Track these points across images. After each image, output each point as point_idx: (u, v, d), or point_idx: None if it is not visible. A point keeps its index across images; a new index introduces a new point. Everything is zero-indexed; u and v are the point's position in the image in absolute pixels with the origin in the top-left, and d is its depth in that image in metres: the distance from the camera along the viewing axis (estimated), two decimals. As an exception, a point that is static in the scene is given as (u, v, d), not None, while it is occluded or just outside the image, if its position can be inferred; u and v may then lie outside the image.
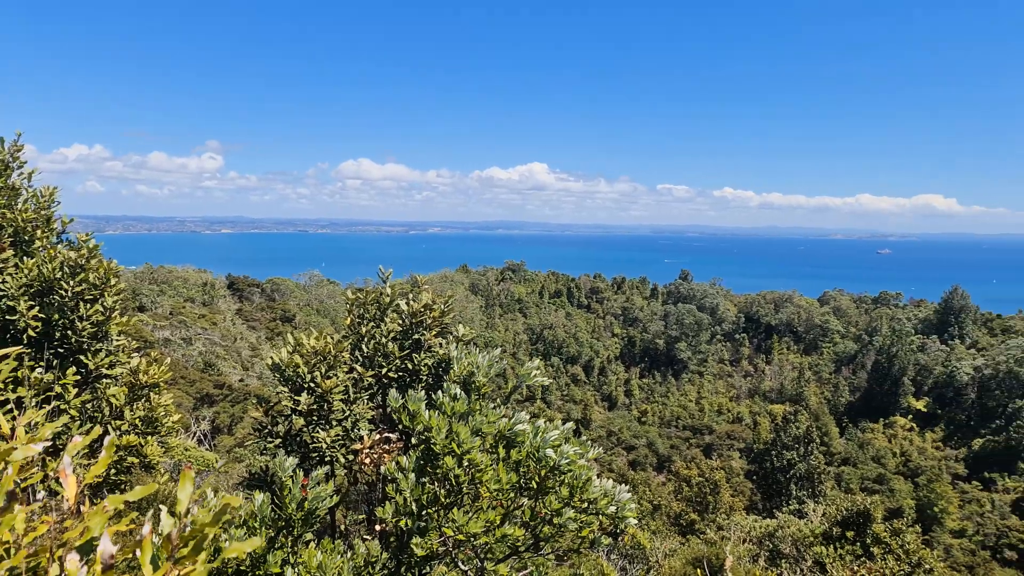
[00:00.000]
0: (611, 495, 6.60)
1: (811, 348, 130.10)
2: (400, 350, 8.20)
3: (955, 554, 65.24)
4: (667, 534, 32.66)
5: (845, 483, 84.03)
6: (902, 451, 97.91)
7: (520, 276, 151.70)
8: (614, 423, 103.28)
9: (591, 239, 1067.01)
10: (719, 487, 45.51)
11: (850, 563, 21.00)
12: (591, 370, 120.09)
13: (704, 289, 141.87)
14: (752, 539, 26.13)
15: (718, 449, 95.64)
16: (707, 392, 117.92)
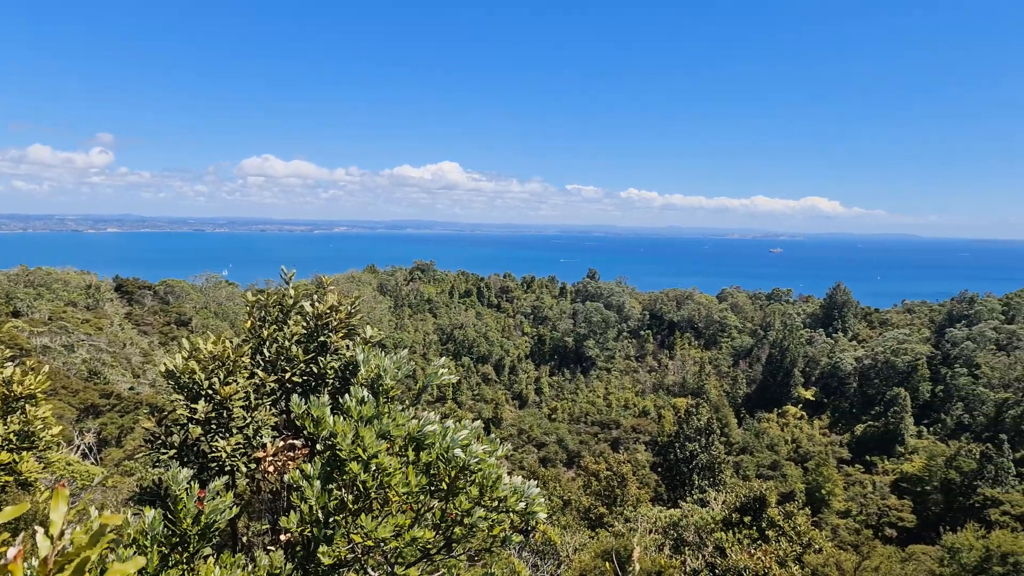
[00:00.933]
0: (521, 492, 6.63)
1: (711, 343, 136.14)
2: (305, 353, 7.94)
3: (841, 533, 69.92)
4: (577, 528, 33.26)
5: (743, 471, 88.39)
6: (793, 438, 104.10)
7: (430, 276, 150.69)
8: (524, 421, 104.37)
9: (501, 238, 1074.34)
10: (626, 480, 46.78)
11: (747, 546, 22.09)
12: (502, 369, 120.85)
13: (611, 287, 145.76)
14: (658, 529, 27.02)
15: (625, 443, 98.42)
16: (614, 388, 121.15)
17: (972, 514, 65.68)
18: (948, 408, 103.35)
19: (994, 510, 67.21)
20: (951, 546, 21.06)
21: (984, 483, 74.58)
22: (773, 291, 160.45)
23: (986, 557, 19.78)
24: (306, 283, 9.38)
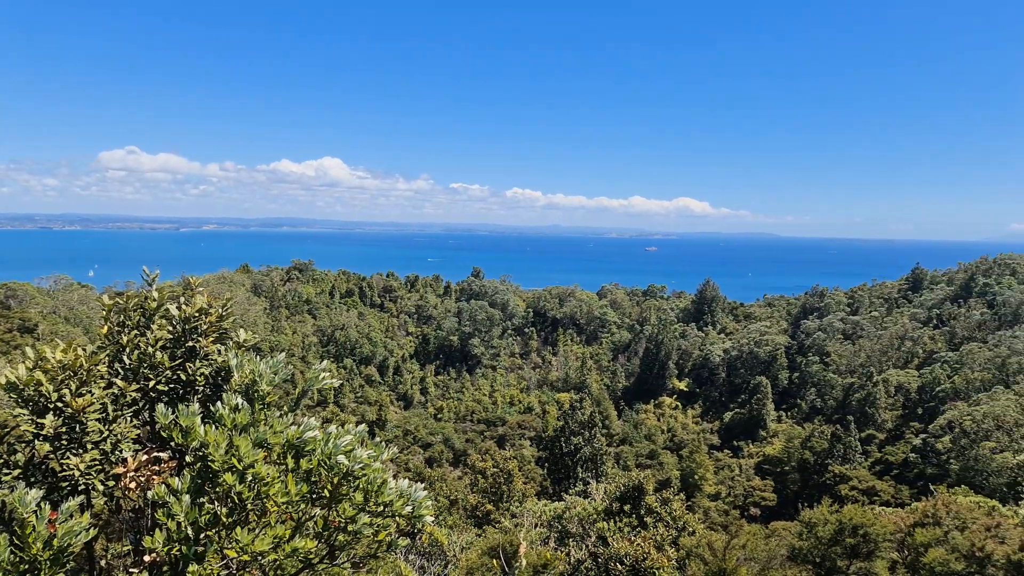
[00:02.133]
0: (407, 495, 6.53)
1: (592, 339, 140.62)
2: (171, 360, 7.39)
3: (712, 515, 74.37)
4: (464, 527, 33.30)
5: (623, 461, 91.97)
6: (669, 428, 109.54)
7: (308, 276, 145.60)
8: (410, 422, 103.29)
9: (384, 237, 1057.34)
10: (512, 476, 47.35)
11: (628, 534, 22.96)
12: (386, 370, 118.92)
13: (495, 286, 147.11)
14: (543, 523, 27.53)
15: (511, 439, 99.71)
16: (500, 385, 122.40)
17: (826, 490, 71.79)
18: (803, 394, 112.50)
19: (844, 486, 73.91)
20: (808, 521, 22.90)
21: (835, 461, 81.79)
22: (649, 288, 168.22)
23: (839, 530, 21.65)
24: (172, 285, 8.76)
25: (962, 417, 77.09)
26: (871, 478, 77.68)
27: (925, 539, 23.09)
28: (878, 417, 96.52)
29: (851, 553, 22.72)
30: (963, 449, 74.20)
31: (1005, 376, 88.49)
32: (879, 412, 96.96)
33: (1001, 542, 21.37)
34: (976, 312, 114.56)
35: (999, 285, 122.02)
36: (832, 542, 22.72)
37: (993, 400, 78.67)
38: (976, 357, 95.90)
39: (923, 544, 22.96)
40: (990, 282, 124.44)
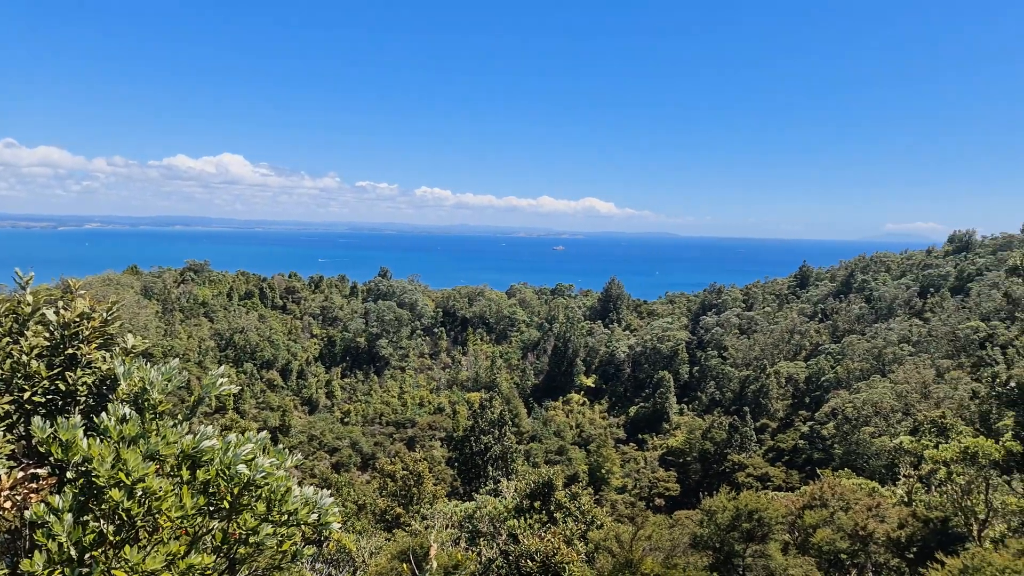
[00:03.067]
0: (313, 503, 6.31)
1: (502, 338, 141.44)
2: (49, 368, 6.82)
3: (619, 508, 76.40)
4: (373, 532, 32.70)
5: (533, 458, 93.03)
6: (577, 424, 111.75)
7: (204, 277, 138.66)
8: (315, 427, 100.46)
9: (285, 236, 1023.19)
10: (423, 478, 46.95)
11: (538, 530, 23.23)
12: (289, 374, 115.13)
13: (403, 286, 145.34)
14: (454, 523, 27.42)
15: (421, 441, 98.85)
16: (409, 386, 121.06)
17: (725, 478, 75.24)
18: (703, 386, 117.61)
19: (741, 473, 77.71)
20: (708, 509, 23.88)
21: (732, 450, 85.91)
22: (557, 286, 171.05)
23: (736, 515, 22.71)
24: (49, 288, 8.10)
25: (844, 405, 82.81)
26: (765, 465, 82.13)
27: (813, 520, 24.64)
28: (771, 407, 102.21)
29: (747, 537, 23.89)
30: (846, 434, 79.71)
31: (881, 365, 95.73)
32: (772, 402, 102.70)
33: (881, 521, 23.10)
34: (855, 306, 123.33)
35: (875, 281, 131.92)
36: (730, 527, 23.80)
37: (871, 388, 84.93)
38: (856, 348, 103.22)
39: (812, 525, 24.50)
40: (868, 278, 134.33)
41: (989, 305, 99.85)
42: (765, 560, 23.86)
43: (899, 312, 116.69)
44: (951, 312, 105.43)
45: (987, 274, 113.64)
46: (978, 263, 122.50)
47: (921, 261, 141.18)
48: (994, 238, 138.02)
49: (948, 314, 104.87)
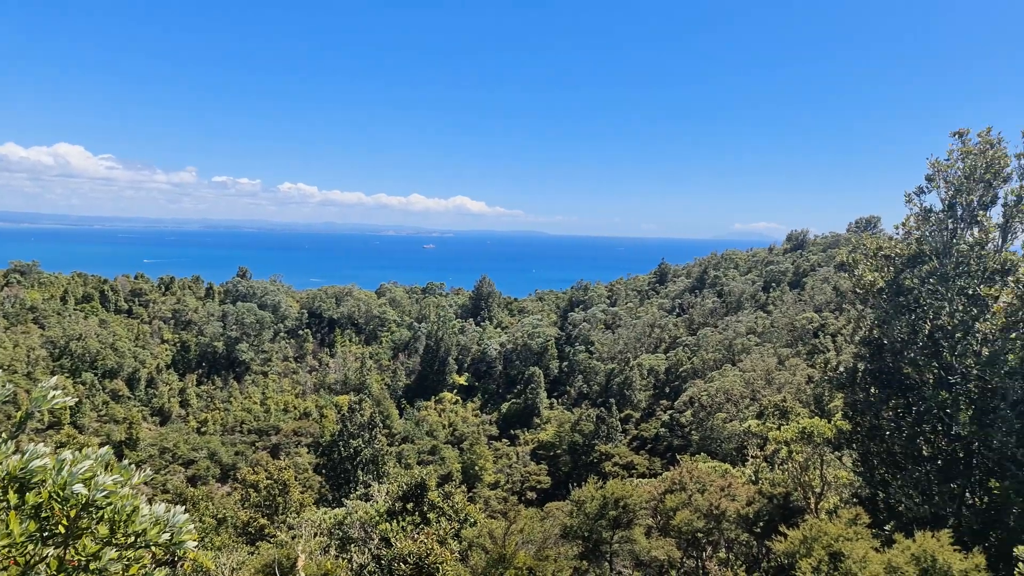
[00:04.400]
0: (164, 521, 5.73)
1: (371, 338, 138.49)
2: None
3: (492, 504, 77.16)
4: (235, 546, 30.89)
5: (405, 460, 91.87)
6: (450, 422, 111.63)
7: (33, 279, 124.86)
8: (168, 438, 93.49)
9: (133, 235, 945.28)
10: (288, 487, 44.98)
11: (411, 532, 22.90)
12: (136, 383, 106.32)
13: (265, 286, 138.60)
14: (323, 531, 26.46)
15: (286, 448, 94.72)
16: (273, 392, 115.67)
17: (592, 468, 77.96)
18: (572, 381, 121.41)
19: (608, 463, 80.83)
20: (577, 499, 24.57)
21: (600, 441, 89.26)
22: (428, 285, 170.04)
23: (604, 504, 23.52)
24: None
25: (700, 393, 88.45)
26: (630, 453, 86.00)
27: (674, 503, 26.04)
28: (635, 398, 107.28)
29: (614, 524, 24.85)
30: (701, 421, 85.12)
31: (732, 355, 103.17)
32: (635, 393, 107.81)
33: (732, 499, 24.82)
34: (709, 301, 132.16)
35: (726, 277, 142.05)
36: (598, 516, 24.64)
37: (723, 377, 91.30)
38: (710, 340, 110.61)
39: (672, 508, 25.88)
40: (719, 275, 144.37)
41: (821, 298, 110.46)
42: (631, 545, 24.95)
43: (747, 305, 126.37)
44: (790, 305, 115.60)
45: (819, 270, 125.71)
46: (811, 260, 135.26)
47: (764, 258, 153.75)
48: (824, 237, 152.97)
49: (787, 306, 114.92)
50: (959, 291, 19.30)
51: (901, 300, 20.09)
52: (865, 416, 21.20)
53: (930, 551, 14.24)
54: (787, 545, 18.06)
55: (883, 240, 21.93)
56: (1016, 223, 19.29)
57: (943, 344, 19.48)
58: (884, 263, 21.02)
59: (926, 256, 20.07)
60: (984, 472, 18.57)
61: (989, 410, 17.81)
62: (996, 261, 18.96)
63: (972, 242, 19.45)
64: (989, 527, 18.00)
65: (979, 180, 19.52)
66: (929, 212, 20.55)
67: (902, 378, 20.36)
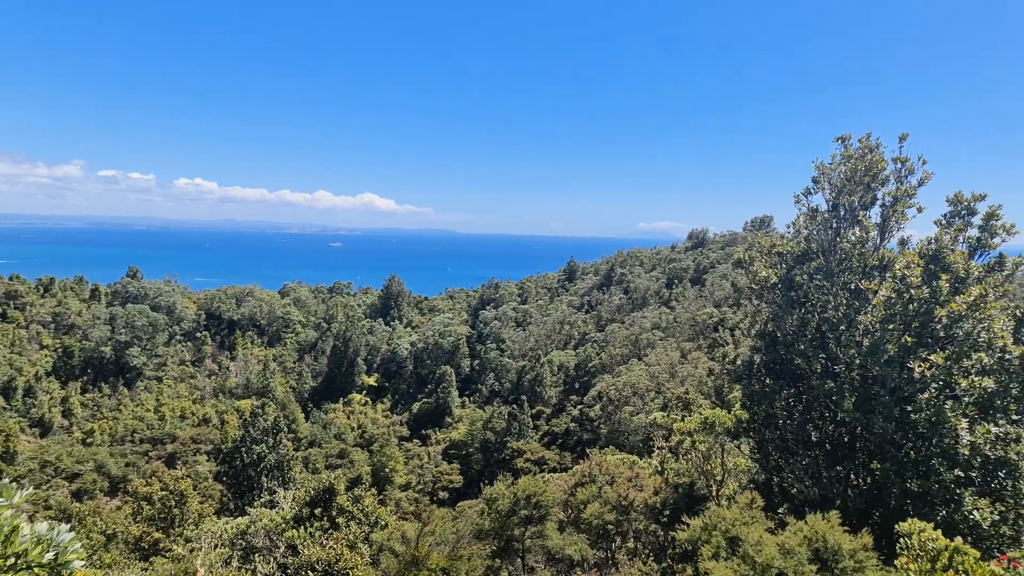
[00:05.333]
0: (47, 540, 5.25)
1: (275, 340, 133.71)
2: None
3: (403, 505, 76.22)
4: (127, 563, 29.02)
5: (313, 464, 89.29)
6: (359, 424, 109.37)
7: None
8: (49, 451, 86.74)
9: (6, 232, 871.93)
10: (186, 497, 42.64)
11: (319, 538, 22.20)
12: (12, 392, 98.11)
13: (158, 287, 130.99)
14: (224, 542, 25.24)
15: (183, 456, 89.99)
16: (167, 398, 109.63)
17: (504, 465, 78.48)
18: (484, 379, 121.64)
19: (520, 459, 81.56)
20: (489, 497, 24.55)
21: (512, 438, 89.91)
22: (335, 284, 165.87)
23: (516, 501, 23.62)
24: None
25: (608, 388, 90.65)
26: (541, 449, 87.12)
27: (584, 497, 26.49)
28: (545, 394, 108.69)
29: (526, 520, 25.00)
30: (609, 415, 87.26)
31: (638, 350, 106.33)
32: (546, 390, 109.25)
33: (640, 490, 25.49)
34: (616, 298, 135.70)
35: (632, 274, 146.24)
36: (510, 513, 24.71)
37: (630, 371, 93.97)
38: (617, 336, 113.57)
39: (583, 501, 26.31)
40: (625, 272, 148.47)
41: (720, 293, 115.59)
42: (543, 540, 25.17)
43: (651, 302, 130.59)
44: (691, 300, 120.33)
45: (718, 267, 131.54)
46: (711, 257, 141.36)
47: (667, 256, 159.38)
48: (723, 235, 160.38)
49: (689, 302, 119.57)
50: (843, 286, 20.57)
51: (792, 295, 21.22)
52: (761, 405, 22.26)
53: (821, 532, 15.07)
54: (690, 533, 18.71)
55: (776, 238, 23.08)
56: (892, 222, 20.73)
57: (829, 336, 20.71)
58: (777, 260, 22.13)
59: (814, 253, 21.27)
60: (867, 455, 19.89)
61: (870, 397, 19.08)
62: (875, 258, 20.31)
63: (854, 240, 20.76)
64: (873, 506, 19.30)
65: (859, 182, 20.84)
66: (816, 212, 21.77)
67: (793, 369, 21.51)
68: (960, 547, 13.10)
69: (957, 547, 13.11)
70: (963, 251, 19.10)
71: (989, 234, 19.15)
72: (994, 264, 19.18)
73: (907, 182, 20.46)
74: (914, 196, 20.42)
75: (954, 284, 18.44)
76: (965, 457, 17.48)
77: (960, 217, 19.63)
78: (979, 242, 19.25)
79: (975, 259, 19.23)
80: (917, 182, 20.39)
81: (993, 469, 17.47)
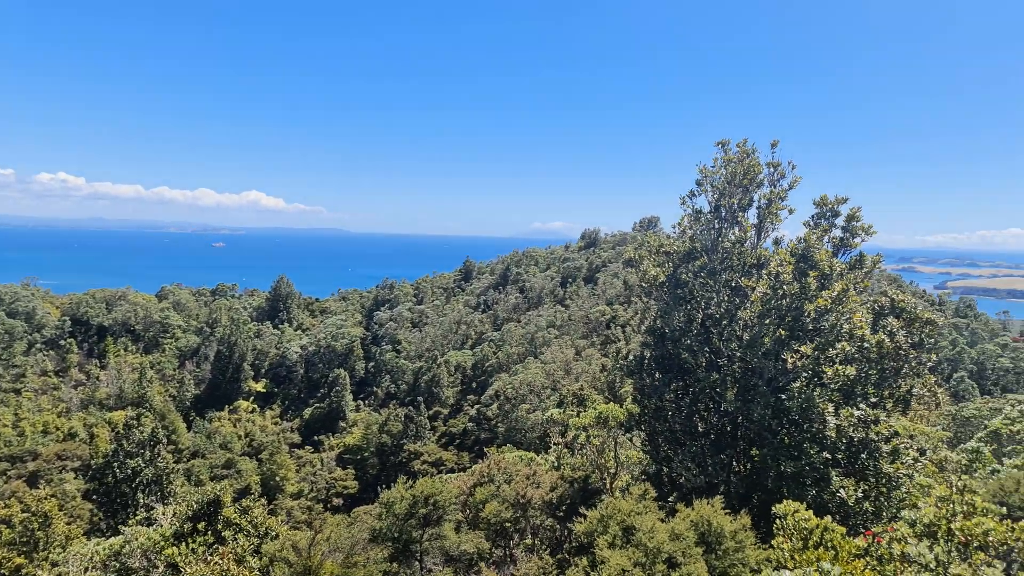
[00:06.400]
0: None
1: (152, 346, 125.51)
2: None
3: (296, 514, 73.66)
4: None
5: (196, 476, 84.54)
6: (247, 432, 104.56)
7: None
8: None
9: None
10: (51, 518, 39.24)
11: (203, 554, 21.01)
12: None
13: (14, 291, 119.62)
14: (96, 565, 23.40)
15: (47, 475, 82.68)
16: (27, 412, 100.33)
17: (402, 468, 77.46)
18: (379, 381, 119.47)
19: (417, 461, 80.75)
20: (386, 501, 24.11)
21: (409, 440, 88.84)
22: (218, 287, 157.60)
23: (413, 503, 23.32)
24: None
25: (505, 387, 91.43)
26: (439, 450, 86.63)
27: (483, 496, 26.51)
28: (443, 395, 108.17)
29: (424, 522, 24.72)
30: (507, 413, 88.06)
31: (534, 348, 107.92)
32: (443, 390, 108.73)
33: (537, 487, 25.81)
34: (512, 297, 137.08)
35: (527, 274, 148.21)
36: (408, 516, 24.36)
37: (526, 369, 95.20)
38: (513, 335, 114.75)
39: (481, 501, 26.32)
40: (521, 271, 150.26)
41: (612, 292, 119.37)
42: (441, 541, 24.99)
43: (547, 300, 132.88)
44: (585, 299, 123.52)
45: (610, 265, 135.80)
46: (603, 256, 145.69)
47: (561, 255, 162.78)
48: (614, 235, 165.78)
49: (583, 300, 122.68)
50: (724, 283, 21.71)
51: (679, 292, 22.16)
52: (651, 399, 23.10)
53: (706, 516, 15.84)
54: (587, 525, 19.13)
55: (663, 238, 24.03)
56: (767, 223, 22.07)
57: (713, 331, 21.80)
58: (665, 259, 23.03)
59: (698, 252, 22.30)
60: (747, 442, 21.09)
61: (750, 387, 20.24)
62: (753, 256, 21.56)
63: (734, 240, 21.94)
64: (752, 490, 20.49)
65: (738, 185, 22.04)
66: (699, 213, 22.83)
67: (681, 363, 22.47)
68: (829, 525, 14.12)
69: (827, 525, 14.13)
70: (828, 250, 20.66)
71: (851, 234, 20.82)
72: (855, 262, 20.85)
73: (779, 185, 21.84)
74: (786, 199, 21.84)
75: (821, 280, 19.88)
76: (832, 440, 18.88)
77: (825, 218, 21.21)
78: (842, 241, 20.88)
79: (839, 257, 20.85)
80: (788, 185, 21.81)
81: (856, 450, 18.98)
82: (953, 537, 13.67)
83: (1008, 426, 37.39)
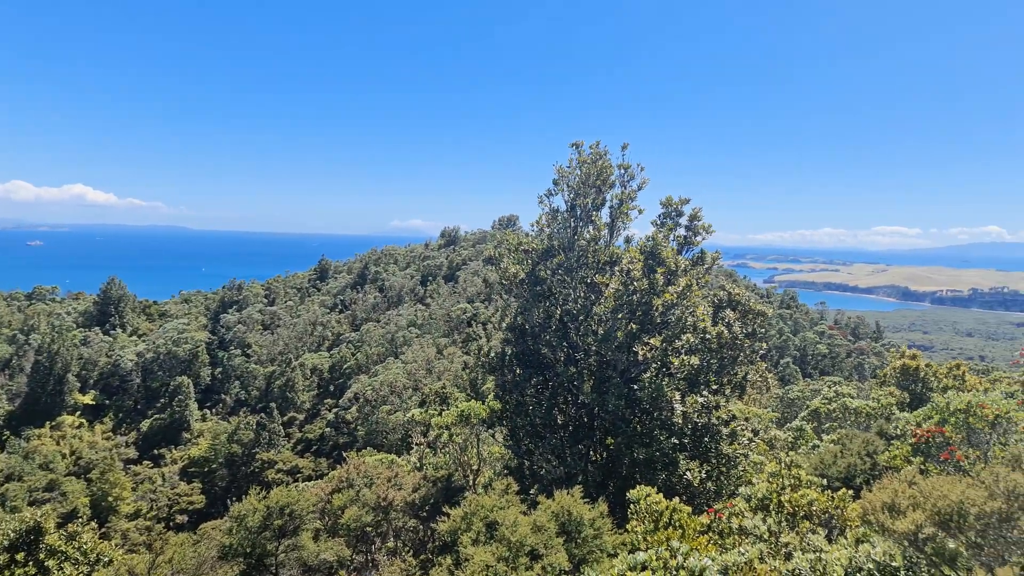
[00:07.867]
0: None
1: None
2: None
3: (133, 536, 67.68)
4: None
5: (10, 503, 75.31)
6: (73, 450, 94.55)
7: None
8: None
9: None
10: None
11: (22, 589, 18.73)
12: None
13: None
14: None
15: None
16: None
17: (254, 479, 73.46)
18: (228, 387, 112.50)
19: (271, 471, 76.94)
20: (237, 514, 22.70)
21: (261, 449, 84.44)
22: (35, 290, 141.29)
23: (268, 515, 22.14)
24: None
25: (365, 388, 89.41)
26: (295, 458, 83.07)
27: (342, 502, 25.69)
28: (298, 399, 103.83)
29: (279, 534, 23.57)
30: (367, 416, 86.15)
31: (395, 348, 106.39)
32: (298, 395, 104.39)
33: (399, 489, 25.42)
34: (371, 296, 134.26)
35: (386, 272, 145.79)
36: (262, 528, 23.12)
37: (387, 370, 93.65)
38: (373, 335, 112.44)
39: (340, 507, 25.51)
40: (380, 270, 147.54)
41: (473, 289, 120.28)
42: (298, 552, 23.94)
43: (407, 299, 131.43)
44: (446, 297, 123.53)
45: (470, 263, 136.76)
46: (463, 254, 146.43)
47: (421, 254, 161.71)
48: (474, 233, 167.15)
49: (444, 299, 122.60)
50: (581, 280, 22.52)
51: (538, 289, 22.69)
52: (512, 395, 23.49)
53: (566, 507, 16.34)
54: (450, 524, 19.08)
55: (522, 236, 24.50)
56: (619, 222, 23.15)
57: (570, 326, 22.55)
58: (524, 257, 23.49)
59: (555, 250, 22.96)
60: (603, 432, 22.01)
61: (605, 379, 21.14)
62: (606, 254, 22.52)
63: (589, 238, 22.81)
64: (608, 478, 21.42)
65: (592, 185, 22.94)
66: (557, 212, 23.52)
67: (541, 358, 23.04)
68: (677, 506, 15.07)
69: (675, 507, 15.07)
70: (674, 248, 22.04)
71: (693, 233, 22.33)
72: (697, 258, 22.40)
73: (630, 186, 22.98)
74: (635, 199, 23.02)
75: (667, 276, 21.16)
76: (679, 426, 20.18)
77: (671, 218, 22.61)
78: (686, 240, 22.36)
79: (683, 254, 22.30)
80: (638, 186, 23.00)
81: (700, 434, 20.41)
82: (783, 509, 15.07)
83: (826, 405, 41.91)
